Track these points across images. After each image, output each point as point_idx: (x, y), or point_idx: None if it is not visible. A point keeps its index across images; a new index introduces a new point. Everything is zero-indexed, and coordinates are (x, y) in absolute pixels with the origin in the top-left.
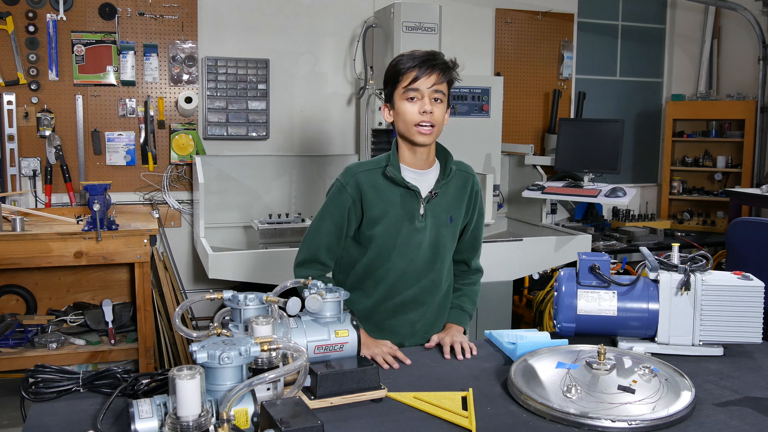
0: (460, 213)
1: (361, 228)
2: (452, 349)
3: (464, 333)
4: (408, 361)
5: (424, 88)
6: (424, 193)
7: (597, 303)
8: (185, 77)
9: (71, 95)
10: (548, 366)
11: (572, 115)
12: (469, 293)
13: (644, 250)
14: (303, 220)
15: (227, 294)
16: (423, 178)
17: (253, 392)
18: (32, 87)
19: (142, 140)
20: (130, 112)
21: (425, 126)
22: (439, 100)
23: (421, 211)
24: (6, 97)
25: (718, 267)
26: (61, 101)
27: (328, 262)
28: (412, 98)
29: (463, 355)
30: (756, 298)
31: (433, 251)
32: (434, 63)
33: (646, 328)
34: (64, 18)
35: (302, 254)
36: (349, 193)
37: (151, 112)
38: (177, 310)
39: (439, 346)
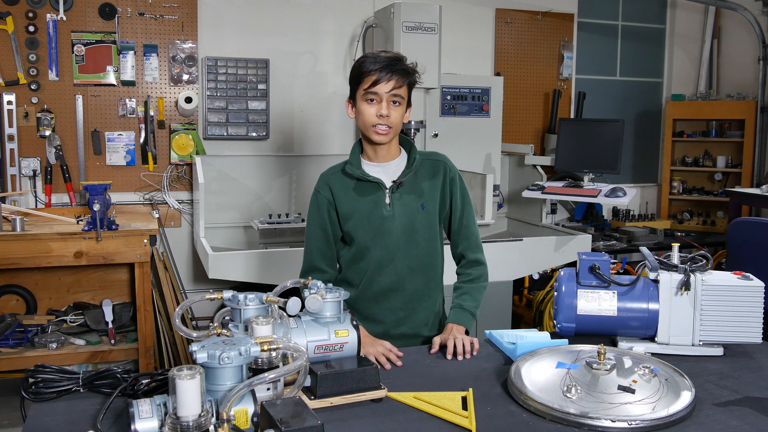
0: (434, 200)
1: (341, 226)
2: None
3: (467, 332)
4: (399, 363)
5: (382, 92)
6: (389, 183)
7: (597, 303)
8: (185, 77)
9: (71, 95)
10: (548, 366)
11: (572, 115)
12: (469, 290)
13: (644, 250)
14: (303, 220)
15: (227, 294)
16: (386, 169)
17: (253, 392)
18: (32, 87)
19: (142, 140)
20: (130, 112)
21: (382, 127)
22: (397, 103)
23: (387, 201)
24: (6, 97)
25: (718, 267)
26: (61, 101)
27: (325, 268)
28: (371, 100)
29: (464, 354)
30: (756, 298)
31: (404, 238)
32: (394, 69)
33: (646, 328)
34: (64, 18)
35: (302, 267)
36: (323, 195)
37: (151, 112)
38: (177, 310)
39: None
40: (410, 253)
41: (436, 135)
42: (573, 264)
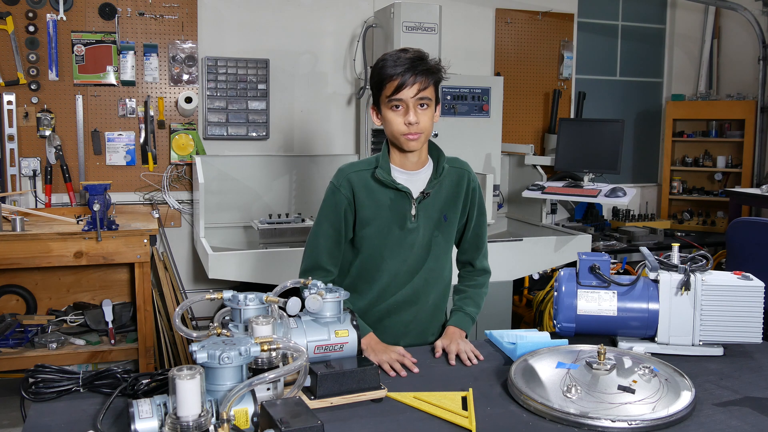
0: (455, 211)
1: (355, 229)
2: (458, 355)
3: (466, 336)
4: (416, 370)
5: (407, 98)
6: (416, 193)
7: (597, 303)
8: (185, 77)
9: (71, 95)
10: (548, 366)
11: (572, 115)
12: (472, 295)
13: (644, 250)
14: (303, 220)
15: (227, 294)
16: (414, 178)
17: (253, 392)
18: (32, 87)
19: (142, 140)
20: (130, 112)
21: (412, 135)
22: (425, 106)
23: (413, 212)
24: (6, 97)
25: (718, 267)
26: (61, 101)
27: (330, 268)
28: (396, 107)
29: (470, 361)
30: (756, 298)
31: (426, 251)
32: (416, 70)
33: (646, 328)
34: (64, 18)
35: (304, 263)
36: (343, 193)
37: (151, 112)
38: (177, 310)
39: (444, 351)
40: (429, 266)
41: (436, 135)
42: (573, 264)
